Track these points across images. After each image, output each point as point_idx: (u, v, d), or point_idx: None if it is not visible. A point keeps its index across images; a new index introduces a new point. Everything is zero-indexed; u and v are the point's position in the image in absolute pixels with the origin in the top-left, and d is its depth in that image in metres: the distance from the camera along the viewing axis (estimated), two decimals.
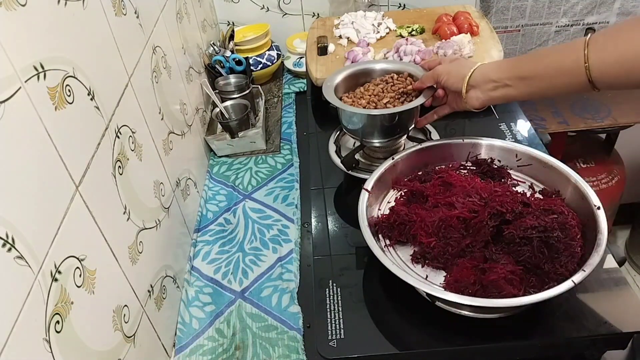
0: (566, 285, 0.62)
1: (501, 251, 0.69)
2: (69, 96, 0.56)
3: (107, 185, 0.64)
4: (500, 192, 0.75)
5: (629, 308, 0.69)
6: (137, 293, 0.69)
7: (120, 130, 0.69)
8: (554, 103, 1.61)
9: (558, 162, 0.79)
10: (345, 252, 0.84)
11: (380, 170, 0.82)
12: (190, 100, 1.09)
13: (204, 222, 1.02)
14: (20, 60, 0.48)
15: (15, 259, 0.44)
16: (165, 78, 0.93)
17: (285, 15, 1.51)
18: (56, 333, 0.49)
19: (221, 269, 0.92)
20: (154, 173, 0.81)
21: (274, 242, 0.95)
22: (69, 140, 0.55)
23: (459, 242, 0.71)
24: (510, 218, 0.71)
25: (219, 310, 0.84)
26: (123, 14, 0.76)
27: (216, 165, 1.17)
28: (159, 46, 0.91)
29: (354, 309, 0.73)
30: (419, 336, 0.70)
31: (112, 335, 0.60)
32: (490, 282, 0.65)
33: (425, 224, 0.73)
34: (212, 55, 1.31)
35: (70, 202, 0.54)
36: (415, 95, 0.90)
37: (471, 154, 0.87)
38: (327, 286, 0.77)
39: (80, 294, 0.54)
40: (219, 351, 0.78)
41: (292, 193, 1.06)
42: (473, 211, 0.72)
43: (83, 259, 0.55)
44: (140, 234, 0.72)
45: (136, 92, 0.77)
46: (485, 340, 0.68)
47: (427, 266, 0.72)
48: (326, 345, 0.69)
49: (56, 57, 0.55)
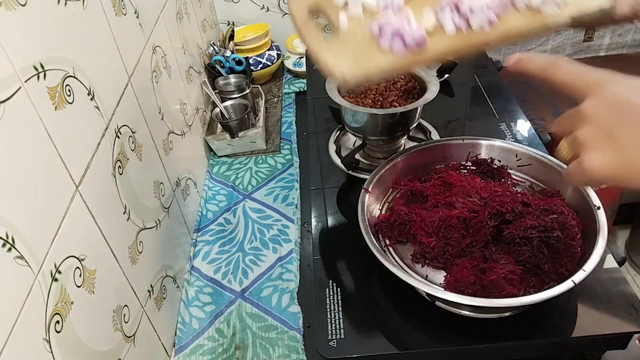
0: (566, 285, 0.62)
1: (501, 251, 0.69)
2: (69, 96, 0.56)
3: (107, 185, 0.64)
4: (500, 192, 0.75)
5: (629, 308, 0.69)
6: (137, 293, 0.69)
7: (120, 130, 0.69)
8: (554, 103, 1.61)
9: (558, 162, 0.79)
10: (345, 252, 0.83)
11: (380, 170, 0.82)
12: (190, 100, 1.09)
13: (204, 222, 1.02)
14: (20, 60, 0.48)
15: (15, 259, 0.44)
16: (165, 78, 0.93)
17: (285, 15, 1.51)
18: (56, 333, 0.49)
19: (221, 269, 0.92)
20: (154, 173, 0.81)
21: (274, 242, 0.95)
22: (69, 140, 0.55)
23: (459, 242, 0.71)
24: (510, 218, 0.71)
25: (219, 310, 0.84)
26: (123, 13, 0.76)
27: (216, 165, 1.17)
28: (159, 46, 0.91)
29: (354, 309, 0.73)
30: (419, 336, 0.70)
31: (112, 335, 0.60)
32: (490, 282, 0.65)
33: (425, 223, 0.73)
34: (212, 55, 1.31)
35: (70, 202, 0.54)
36: (417, 92, 0.90)
37: (471, 154, 0.87)
38: (327, 286, 0.77)
39: (80, 293, 0.54)
40: (219, 351, 0.78)
41: (292, 193, 1.06)
42: (473, 211, 0.72)
43: (83, 259, 0.55)
44: (140, 233, 0.72)
45: (136, 92, 0.77)
46: (485, 340, 0.68)
47: (427, 266, 0.72)
48: (326, 345, 0.69)
49: (56, 57, 0.55)
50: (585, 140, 0.41)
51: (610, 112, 0.40)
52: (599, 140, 0.41)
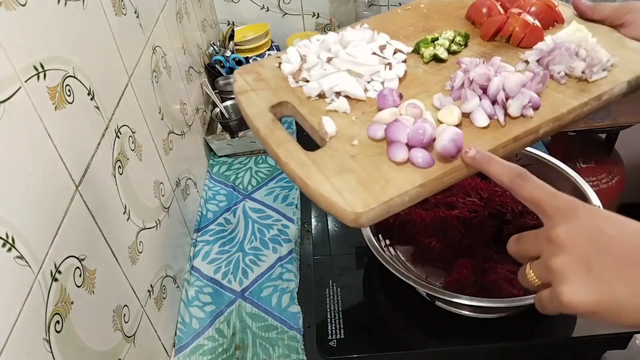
0: None
1: (501, 251, 0.69)
2: (69, 96, 0.56)
3: (107, 185, 0.64)
4: (500, 192, 0.75)
5: None
6: (137, 293, 0.69)
7: (120, 130, 0.69)
8: None
9: (558, 162, 0.79)
10: (345, 252, 0.83)
11: None
12: (190, 100, 1.09)
13: (204, 222, 1.02)
14: (20, 60, 0.48)
15: (15, 259, 0.44)
16: (165, 78, 0.93)
17: (285, 15, 1.51)
18: (56, 333, 0.49)
19: (221, 269, 0.92)
20: (154, 173, 0.81)
21: (274, 242, 0.95)
22: (69, 140, 0.55)
23: (459, 242, 0.71)
24: (510, 218, 0.71)
25: (219, 310, 0.84)
26: (123, 13, 0.76)
27: (216, 165, 1.17)
28: (159, 46, 0.91)
29: (354, 309, 0.73)
30: (419, 336, 0.70)
31: (112, 335, 0.60)
32: (490, 282, 0.65)
33: (426, 224, 0.73)
34: (212, 55, 1.31)
35: (70, 202, 0.54)
36: None
37: None
38: (327, 286, 0.77)
39: (80, 293, 0.54)
40: (219, 351, 0.78)
41: (292, 193, 1.06)
42: (473, 211, 0.72)
43: (83, 259, 0.55)
44: (140, 233, 0.72)
45: (136, 92, 0.77)
46: (486, 340, 0.68)
47: (427, 266, 0.72)
48: (326, 345, 0.69)
49: (56, 57, 0.54)
50: (561, 271, 0.38)
51: (587, 243, 0.38)
52: (578, 272, 0.37)
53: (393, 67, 0.58)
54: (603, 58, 0.52)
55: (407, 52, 0.63)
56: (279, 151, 0.49)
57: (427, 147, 0.46)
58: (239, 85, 0.62)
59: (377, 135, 0.48)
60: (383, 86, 0.56)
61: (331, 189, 0.44)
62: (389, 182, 0.43)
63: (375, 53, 0.59)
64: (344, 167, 0.46)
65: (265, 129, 0.53)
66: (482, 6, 0.66)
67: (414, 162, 0.45)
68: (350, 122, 0.52)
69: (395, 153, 0.45)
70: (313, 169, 0.46)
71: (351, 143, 0.49)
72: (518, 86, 0.49)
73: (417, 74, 0.59)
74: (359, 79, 0.57)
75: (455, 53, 0.62)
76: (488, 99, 0.49)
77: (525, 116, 0.49)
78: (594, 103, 0.50)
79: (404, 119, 0.48)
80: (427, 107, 0.52)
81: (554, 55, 0.53)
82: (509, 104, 0.48)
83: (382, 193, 0.42)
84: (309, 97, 0.56)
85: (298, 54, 0.64)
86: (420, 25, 0.68)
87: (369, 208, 0.42)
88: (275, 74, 0.63)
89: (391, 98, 0.52)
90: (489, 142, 0.47)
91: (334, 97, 0.55)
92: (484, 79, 0.49)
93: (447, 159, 0.45)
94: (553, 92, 0.51)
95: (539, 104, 0.49)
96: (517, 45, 0.60)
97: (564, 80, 0.53)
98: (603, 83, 0.51)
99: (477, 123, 0.48)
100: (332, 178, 0.45)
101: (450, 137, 0.44)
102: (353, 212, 0.41)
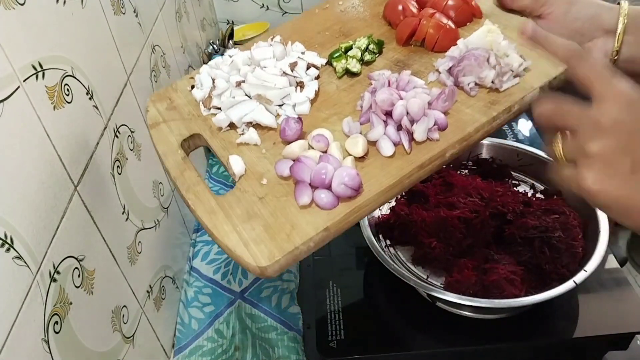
0: (567, 285, 0.62)
1: (502, 251, 0.69)
2: (67, 95, 0.56)
3: (106, 185, 0.64)
4: (501, 192, 0.75)
5: (630, 308, 0.69)
6: (136, 293, 0.68)
7: (119, 129, 0.69)
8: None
9: None
10: (345, 252, 0.83)
11: None
12: None
13: None
14: (18, 59, 0.47)
15: (14, 259, 0.44)
16: (165, 77, 0.93)
17: (285, 14, 1.51)
18: (55, 333, 0.48)
19: (220, 270, 0.91)
20: (153, 173, 0.81)
21: None
22: (67, 139, 0.55)
23: (460, 243, 0.71)
24: (511, 218, 0.70)
25: (218, 310, 0.84)
26: (122, 12, 0.75)
27: (216, 165, 1.17)
28: (158, 45, 0.91)
29: (354, 309, 0.73)
30: (419, 337, 0.70)
31: (111, 336, 0.60)
32: (491, 283, 0.65)
33: (426, 224, 0.73)
34: (211, 54, 1.31)
35: (68, 202, 0.54)
36: None
37: (472, 154, 0.86)
38: (327, 286, 0.76)
39: (79, 294, 0.53)
40: (219, 352, 0.78)
41: None
42: (474, 211, 0.72)
43: (82, 259, 0.55)
44: (139, 234, 0.72)
45: (135, 91, 0.76)
46: (487, 341, 0.68)
47: (428, 266, 0.72)
48: (326, 346, 0.69)
49: (55, 56, 0.54)
50: (593, 156, 0.37)
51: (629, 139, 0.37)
52: (609, 163, 0.37)
53: (305, 87, 0.55)
54: (514, 64, 0.50)
55: (321, 64, 0.59)
56: (187, 196, 0.47)
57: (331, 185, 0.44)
58: (151, 117, 0.57)
59: (284, 173, 0.47)
60: (294, 110, 0.54)
61: (237, 240, 0.43)
62: (294, 228, 0.42)
63: (285, 73, 0.55)
64: (252, 213, 0.44)
65: (175, 170, 0.50)
66: (396, 4, 0.62)
67: (318, 203, 0.44)
68: (260, 156, 0.50)
69: (300, 196, 0.44)
70: (220, 216, 0.45)
71: (260, 182, 0.47)
72: (421, 110, 0.47)
73: (329, 93, 0.56)
74: (269, 106, 0.54)
75: (369, 63, 0.59)
76: (394, 124, 0.47)
77: (432, 139, 0.47)
78: (503, 117, 0.48)
79: (309, 155, 0.46)
80: (337, 134, 0.50)
81: (463, 66, 0.51)
82: (414, 129, 0.46)
83: (287, 242, 0.42)
84: (219, 128, 0.54)
85: (209, 76, 0.59)
86: (337, 28, 0.64)
87: (274, 260, 0.41)
88: (188, 100, 0.59)
89: (290, 132, 0.50)
90: (395, 172, 0.45)
91: (245, 129, 0.53)
92: (387, 104, 0.47)
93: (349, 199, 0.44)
94: (462, 106, 0.49)
95: (445, 125, 0.47)
96: (432, 50, 0.57)
97: (474, 92, 0.50)
98: (515, 91, 0.49)
99: (383, 152, 0.46)
100: (240, 226, 0.44)
101: (339, 182, 0.43)
102: (257, 266, 0.41)
